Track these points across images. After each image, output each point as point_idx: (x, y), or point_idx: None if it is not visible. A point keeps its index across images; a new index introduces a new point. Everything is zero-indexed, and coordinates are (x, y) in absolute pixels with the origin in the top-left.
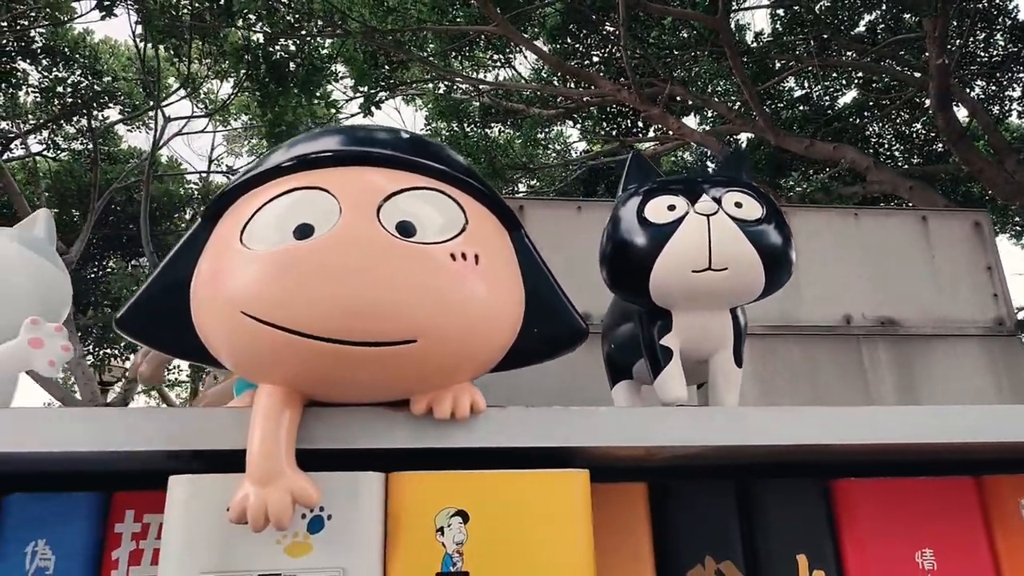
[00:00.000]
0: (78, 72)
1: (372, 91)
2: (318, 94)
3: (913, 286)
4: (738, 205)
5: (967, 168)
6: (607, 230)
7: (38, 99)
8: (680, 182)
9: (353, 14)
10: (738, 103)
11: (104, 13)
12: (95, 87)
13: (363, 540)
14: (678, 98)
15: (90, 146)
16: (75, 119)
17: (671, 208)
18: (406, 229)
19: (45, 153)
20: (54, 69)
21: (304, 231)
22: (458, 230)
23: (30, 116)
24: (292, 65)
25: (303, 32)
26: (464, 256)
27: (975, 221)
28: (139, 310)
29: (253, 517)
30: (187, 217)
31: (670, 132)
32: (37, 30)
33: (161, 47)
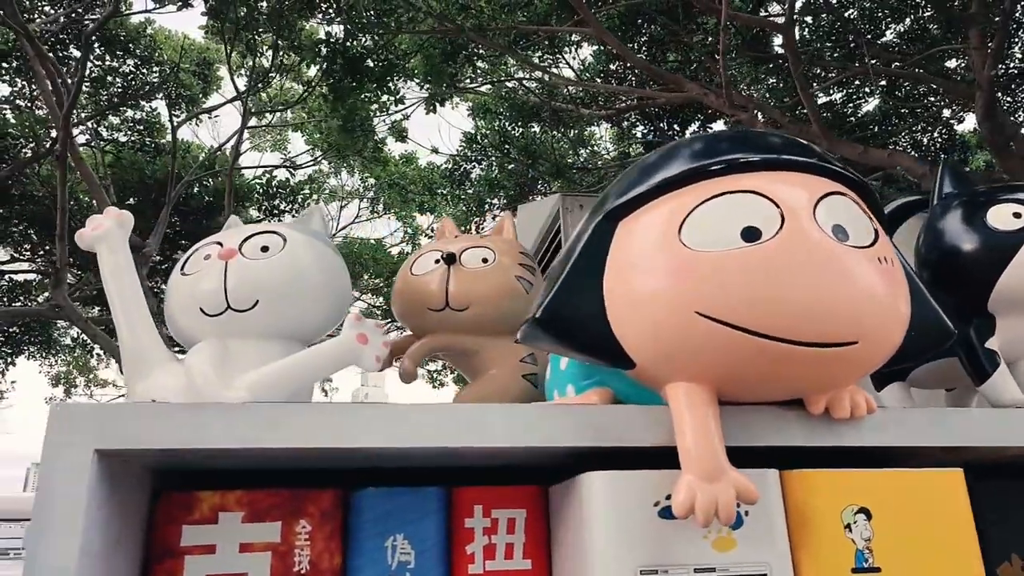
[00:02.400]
0: (130, 63)
1: (440, 88)
2: (392, 88)
3: None
4: None
5: (1008, 177)
6: (927, 238)
7: (87, 88)
8: (1016, 189)
9: (433, 9)
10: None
11: (180, 3)
12: (151, 78)
13: (777, 536)
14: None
15: (136, 137)
16: (123, 109)
17: (1017, 216)
18: (841, 233)
19: (105, 145)
20: (107, 58)
21: (751, 234)
22: (874, 235)
23: (80, 108)
24: (369, 61)
25: (383, 28)
26: (886, 260)
27: None
28: (553, 311)
29: (704, 511)
30: (252, 210)
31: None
32: (90, 18)
33: (236, 40)
